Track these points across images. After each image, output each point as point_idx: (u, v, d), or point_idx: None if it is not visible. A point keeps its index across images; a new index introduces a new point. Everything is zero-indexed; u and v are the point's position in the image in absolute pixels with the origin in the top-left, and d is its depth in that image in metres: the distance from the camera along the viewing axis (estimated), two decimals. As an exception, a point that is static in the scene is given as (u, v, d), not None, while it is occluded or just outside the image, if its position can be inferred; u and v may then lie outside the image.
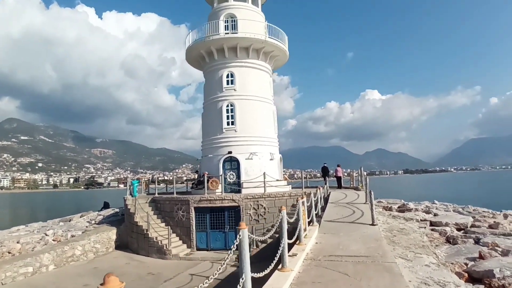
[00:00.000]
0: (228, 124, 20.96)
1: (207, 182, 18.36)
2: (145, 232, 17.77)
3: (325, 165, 23.21)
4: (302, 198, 8.80)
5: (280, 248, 5.62)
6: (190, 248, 17.71)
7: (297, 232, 7.25)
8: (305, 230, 8.06)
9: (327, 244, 7.67)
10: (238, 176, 20.32)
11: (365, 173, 20.40)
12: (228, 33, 21.39)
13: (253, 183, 19.03)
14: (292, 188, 22.64)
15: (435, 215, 15.45)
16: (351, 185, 22.98)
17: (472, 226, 12.71)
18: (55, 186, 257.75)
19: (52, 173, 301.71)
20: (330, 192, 17.80)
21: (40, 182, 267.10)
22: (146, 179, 24.15)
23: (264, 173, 18.20)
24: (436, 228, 12.14)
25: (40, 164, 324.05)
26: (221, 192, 19.53)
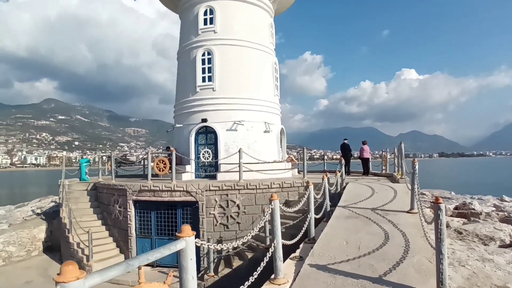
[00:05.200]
0: (203, 80, 14.54)
1: (153, 163, 12.15)
2: (66, 234, 11.98)
3: (345, 141, 16.11)
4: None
5: None
6: (129, 261, 11.73)
7: None
8: None
9: None
10: (216, 155, 14.03)
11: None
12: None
13: (234, 165, 12.64)
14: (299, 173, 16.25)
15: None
16: (383, 171, 16.03)
17: None
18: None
19: (87, 151, 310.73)
20: (347, 184, 10.97)
21: (74, 160, 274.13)
22: (106, 157, 18.16)
23: (240, 150, 11.65)
24: None
25: (76, 143, 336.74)
26: (191, 178, 13.53)
